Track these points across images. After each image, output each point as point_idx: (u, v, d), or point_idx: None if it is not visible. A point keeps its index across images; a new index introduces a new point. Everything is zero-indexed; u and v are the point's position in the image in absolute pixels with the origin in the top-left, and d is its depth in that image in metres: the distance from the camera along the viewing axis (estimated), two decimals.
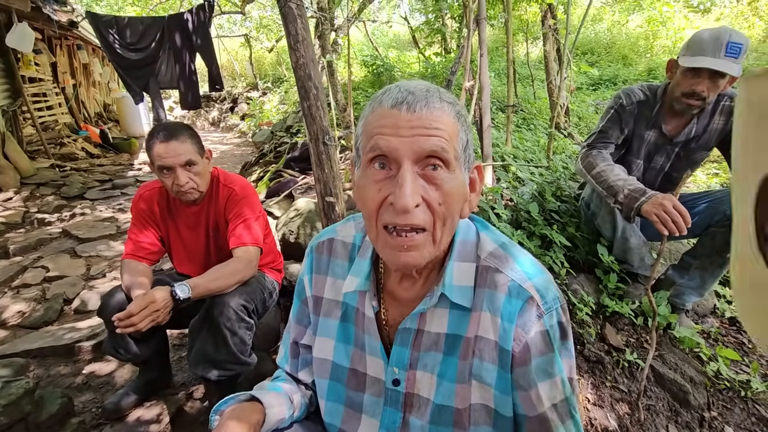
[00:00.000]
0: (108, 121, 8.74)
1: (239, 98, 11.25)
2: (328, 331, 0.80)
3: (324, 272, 0.82)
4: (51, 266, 3.04)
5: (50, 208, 4.29)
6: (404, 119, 0.58)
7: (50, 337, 2.19)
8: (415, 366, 0.71)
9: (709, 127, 1.73)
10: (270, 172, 4.21)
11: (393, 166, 0.60)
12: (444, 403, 0.69)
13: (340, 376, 0.79)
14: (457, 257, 0.69)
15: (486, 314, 0.67)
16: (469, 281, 0.68)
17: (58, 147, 6.17)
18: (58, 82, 7.01)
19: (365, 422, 0.77)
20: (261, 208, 1.71)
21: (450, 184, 0.60)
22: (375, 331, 0.74)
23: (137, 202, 1.66)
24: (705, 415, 1.50)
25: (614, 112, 1.82)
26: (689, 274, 1.82)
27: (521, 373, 0.66)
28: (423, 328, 0.70)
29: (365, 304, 0.75)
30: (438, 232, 0.62)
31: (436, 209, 0.60)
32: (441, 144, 0.58)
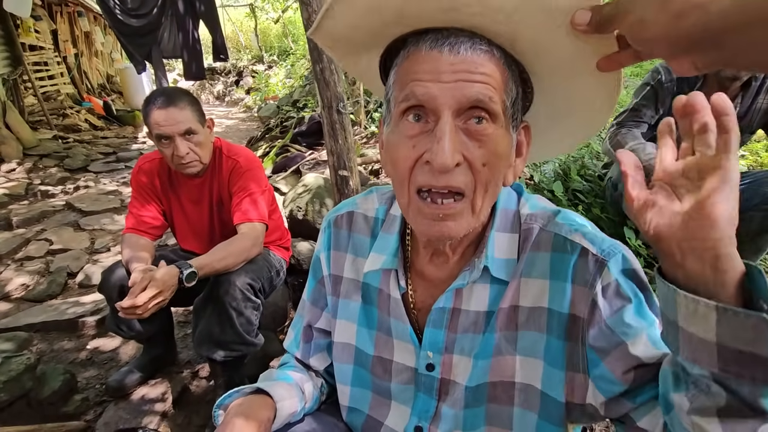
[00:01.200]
0: (111, 93, 8.59)
1: (244, 71, 11.00)
2: (350, 314, 0.73)
3: (344, 249, 0.74)
4: (54, 239, 2.99)
5: (53, 180, 4.22)
6: (446, 62, 0.49)
7: (54, 311, 2.15)
8: (451, 349, 0.63)
9: (753, 107, 1.59)
10: (276, 147, 4.09)
11: (431, 118, 0.51)
12: (478, 383, 0.62)
13: (364, 362, 0.72)
14: (498, 227, 0.61)
15: (526, 279, 0.59)
16: (512, 254, 0.61)
17: (60, 118, 6.06)
18: (59, 50, 6.84)
19: (395, 409, 0.70)
20: (267, 182, 1.61)
21: (496, 141, 0.51)
22: (402, 313, 0.66)
23: (137, 175, 1.57)
24: None
25: (650, 89, 1.68)
26: None
27: (595, 336, 0.54)
28: (460, 306, 0.62)
29: (390, 284, 0.67)
30: (478, 200, 0.53)
31: (478, 170, 0.51)
32: (488, 92, 0.49)
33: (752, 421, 0.39)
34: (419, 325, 0.67)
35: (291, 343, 0.84)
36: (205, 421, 1.51)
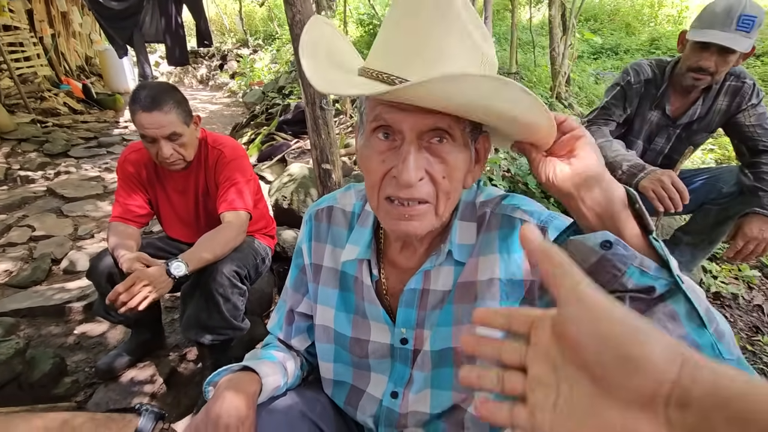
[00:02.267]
0: (90, 75, 8.35)
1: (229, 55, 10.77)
2: (328, 300, 0.81)
3: (324, 240, 0.81)
4: (37, 225, 2.98)
5: (33, 165, 4.15)
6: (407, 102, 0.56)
7: (39, 297, 2.17)
8: (422, 325, 0.73)
9: (713, 108, 1.69)
10: (261, 135, 4.09)
11: (398, 137, 0.59)
12: (443, 347, 0.71)
13: (343, 342, 0.80)
14: (460, 217, 0.71)
15: (482, 258, 0.69)
16: (471, 239, 0.70)
17: (38, 101, 5.90)
18: (35, 31, 6.60)
19: (374, 378, 0.79)
20: (252, 172, 1.66)
21: (455, 157, 0.59)
22: (374, 298, 0.75)
23: (124, 165, 1.60)
24: None
25: (620, 89, 1.76)
26: (679, 249, 1.85)
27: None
28: (428, 287, 0.72)
29: (364, 272, 0.75)
30: (441, 205, 0.62)
31: (439, 182, 0.60)
32: (445, 120, 0.56)
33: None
34: (392, 308, 0.76)
35: (274, 325, 0.91)
36: (193, 401, 1.58)
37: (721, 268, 2.26)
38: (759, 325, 1.92)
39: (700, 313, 0.47)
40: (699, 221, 1.76)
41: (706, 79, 1.56)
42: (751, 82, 1.62)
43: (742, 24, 1.42)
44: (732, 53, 1.48)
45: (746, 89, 1.61)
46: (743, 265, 2.25)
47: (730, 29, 1.43)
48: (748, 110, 1.62)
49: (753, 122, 1.62)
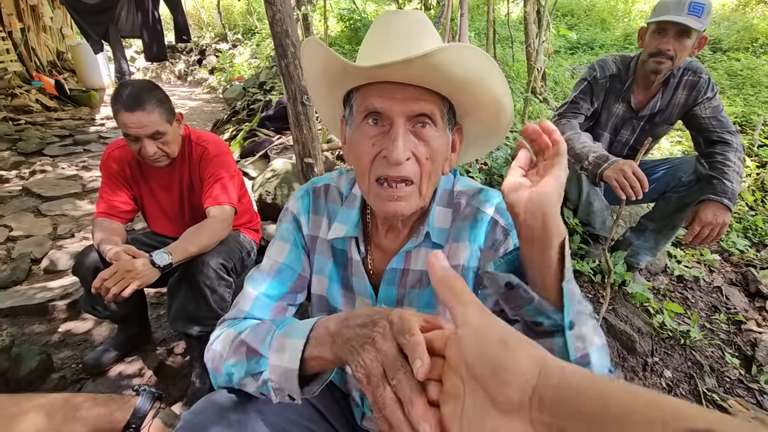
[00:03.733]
0: (63, 71, 8.10)
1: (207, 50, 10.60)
2: (323, 269, 0.86)
3: (321, 213, 0.87)
4: (14, 225, 2.93)
5: (7, 164, 4.05)
6: (399, 90, 0.65)
7: (21, 296, 2.16)
8: (401, 303, 0.80)
9: (672, 102, 1.81)
10: (243, 131, 4.09)
11: (386, 123, 0.66)
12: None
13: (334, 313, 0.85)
14: (438, 202, 0.79)
15: (455, 244, 0.77)
16: (447, 224, 0.78)
17: (9, 98, 5.72)
18: (3, 25, 6.39)
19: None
20: (235, 167, 1.69)
21: (437, 141, 0.68)
22: (362, 271, 0.82)
23: (107, 162, 1.61)
24: (648, 360, 1.68)
25: (587, 84, 1.86)
26: (644, 236, 1.96)
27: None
28: (408, 267, 0.79)
29: (352, 249, 0.82)
30: (424, 185, 0.69)
31: (423, 163, 0.67)
32: (429, 107, 0.65)
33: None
34: (376, 286, 0.82)
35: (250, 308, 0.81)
36: (182, 392, 1.61)
37: (685, 253, 2.40)
38: (717, 305, 2.06)
39: (570, 352, 0.53)
40: (661, 209, 1.88)
41: (667, 63, 1.66)
42: (707, 77, 1.74)
43: (693, 9, 1.54)
44: (687, 37, 1.59)
45: (702, 83, 1.73)
46: (705, 249, 2.39)
47: (682, 13, 1.55)
48: (704, 103, 1.74)
49: (708, 114, 1.74)
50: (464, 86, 0.65)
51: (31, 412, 0.67)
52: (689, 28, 1.56)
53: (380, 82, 0.65)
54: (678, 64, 1.68)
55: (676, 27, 1.58)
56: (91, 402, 0.72)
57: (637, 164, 1.54)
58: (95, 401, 0.72)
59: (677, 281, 2.22)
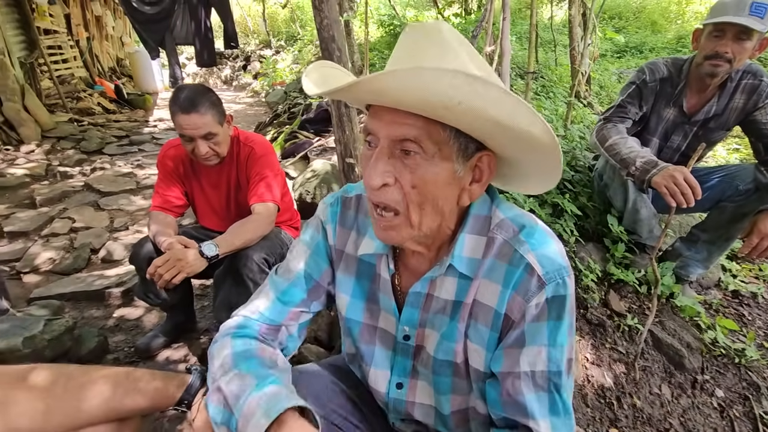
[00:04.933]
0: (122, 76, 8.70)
1: (252, 56, 11.04)
2: (345, 287, 0.84)
3: (349, 227, 0.83)
4: (77, 217, 3.17)
5: (71, 161, 4.40)
6: (387, 111, 0.60)
7: (81, 282, 2.34)
8: (424, 325, 0.76)
9: (729, 106, 1.71)
10: (284, 134, 4.23)
11: (376, 145, 0.63)
12: (444, 358, 0.75)
13: (352, 330, 0.85)
14: (469, 230, 0.71)
15: (486, 281, 0.69)
16: (478, 254, 0.70)
17: (74, 101, 6.21)
18: (72, 34, 6.95)
19: (373, 374, 0.83)
20: (279, 167, 1.76)
21: (425, 170, 0.60)
22: (390, 290, 0.79)
23: (163, 160, 1.72)
24: (698, 377, 1.59)
25: (635, 88, 1.80)
26: (696, 247, 1.86)
27: (512, 335, 0.68)
28: (432, 293, 0.74)
29: (382, 266, 0.79)
30: (414, 216, 0.64)
31: (407, 191, 0.62)
32: (413, 132, 0.58)
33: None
34: (401, 303, 0.79)
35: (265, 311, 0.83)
36: None
37: (741, 267, 2.25)
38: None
39: None
40: (715, 218, 1.78)
41: (725, 66, 1.57)
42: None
43: (756, 10, 1.45)
44: (747, 39, 1.50)
45: (763, 87, 1.63)
46: (764, 264, 2.23)
47: (743, 14, 1.46)
48: (765, 108, 1.63)
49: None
50: (442, 111, 0.55)
51: (98, 382, 0.73)
52: (750, 30, 1.48)
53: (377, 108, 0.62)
54: (736, 67, 1.60)
55: (735, 28, 1.50)
56: (150, 376, 0.78)
57: (689, 170, 1.47)
58: (153, 376, 0.78)
59: (732, 296, 2.09)
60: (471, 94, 0.52)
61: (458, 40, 0.61)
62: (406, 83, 0.52)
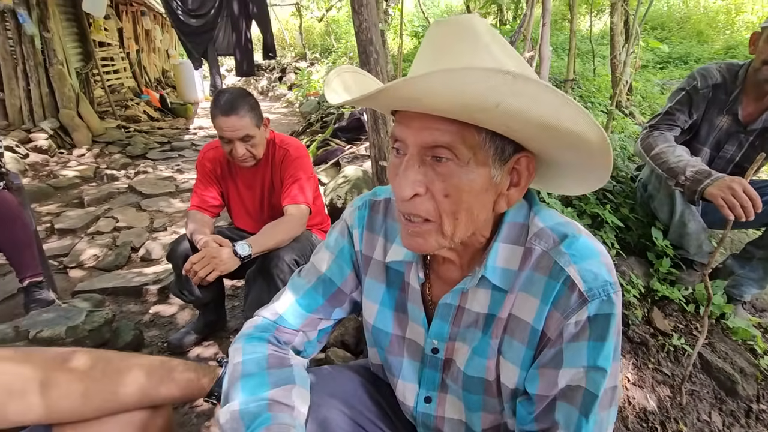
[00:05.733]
0: (166, 87, 9.18)
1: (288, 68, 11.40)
2: (374, 294, 0.80)
3: (377, 232, 0.80)
4: (120, 217, 3.33)
5: (117, 165, 4.64)
6: (416, 117, 0.56)
7: (121, 279, 2.44)
8: (454, 338, 0.72)
9: None
10: (317, 141, 4.31)
11: (405, 153, 0.59)
12: (475, 375, 0.70)
13: (381, 341, 0.81)
14: (504, 239, 0.66)
15: (523, 294, 0.65)
16: (513, 264, 0.65)
17: (123, 109, 6.59)
18: (123, 47, 7.41)
19: (401, 386, 0.80)
20: (312, 170, 1.78)
21: (459, 178, 0.56)
22: (419, 300, 0.75)
23: (202, 161, 1.78)
24: (753, 406, 1.46)
25: (685, 94, 1.71)
26: (750, 265, 1.73)
27: (548, 354, 0.63)
28: (464, 305, 0.70)
29: (411, 274, 0.75)
30: (447, 225, 0.59)
31: (440, 200, 0.58)
32: (445, 138, 0.54)
33: None
34: (430, 314, 0.75)
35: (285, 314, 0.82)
36: None
37: None
38: None
39: None
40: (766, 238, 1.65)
41: None
42: None
43: None
44: None
45: None
46: None
47: None
48: None
49: None
50: (477, 113, 0.51)
51: (134, 368, 0.74)
52: None
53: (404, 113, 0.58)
54: None
55: None
56: (183, 367, 0.79)
57: (747, 180, 1.37)
58: (186, 367, 0.79)
59: None
60: (511, 95, 0.47)
61: (491, 33, 0.56)
62: (439, 87, 0.47)
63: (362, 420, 0.80)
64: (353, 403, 0.81)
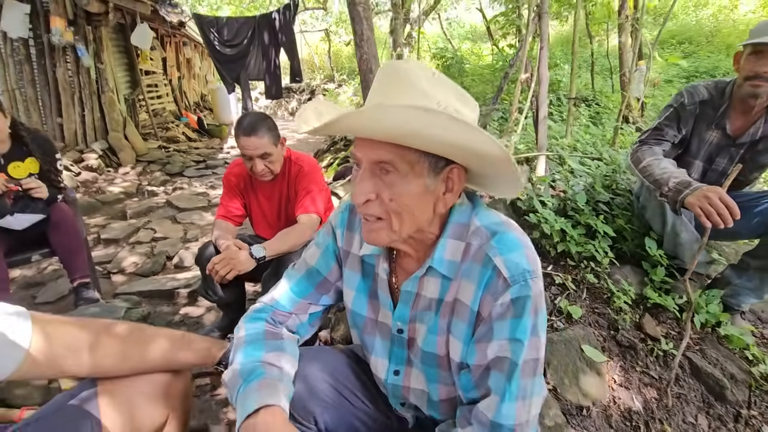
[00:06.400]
0: (203, 110, 9.82)
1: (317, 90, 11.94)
2: (351, 282, 0.95)
3: (355, 230, 0.94)
4: (157, 229, 3.65)
5: (157, 182, 5.05)
6: (368, 140, 0.71)
7: (156, 283, 2.70)
8: (414, 320, 0.87)
9: None
10: (339, 159, 4.55)
11: (361, 167, 0.74)
12: (429, 350, 0.85)
13: (357, 322, 0.97)
14: (450, 236, 0.80)
15: (464, 281, 0.78)
16: (457, 257, 0.79)
17: (164, 131, 7.13)
18: (166, 74, 8.05)
19: (374, 361, 0.95)
20: (324, 184, 1.97)
21: (400, 186, 0.71)
22: (386, 288, 0.90)
23: (228, 176, 2.01)
24: (742, 411, 1.49)
25: (673, 111, 1.80)
26: (747, 275, 1.76)
27: (483, 330, 0.76)
28: (421, 292, 0.84)
29: (380, 266, 0.89)
30: (395, 223, 0.74)
31: (387, 203, 0.72)
32: (387, 156, 0.69)
33: None
34: (396, 300, 0.89)
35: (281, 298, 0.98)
36: None
37: None
38: None
39: None
40: (766, 245, 1.69)
41: (765, 87, 1.54)
42: None
43: None
44: None
45: None
46: None
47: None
48: None
49: None
50: (403, 139, 0.66)
51: (161, 337, 0.93)
52: None
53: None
54: None
55: None
56: (200, 340, 0.97)
57: (724, 190, 1.45)
58: (202, 339, 0.97)
59: None
60: (423, 126, 0.61)
61: (426, 74, 0.70)
62: (370, 122, 0.63)
63: (343, 389, 0.95)
64: (337, 375, 0.96)
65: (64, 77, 5.06)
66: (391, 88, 0.69)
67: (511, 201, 2.06)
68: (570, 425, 1.40)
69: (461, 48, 8.24)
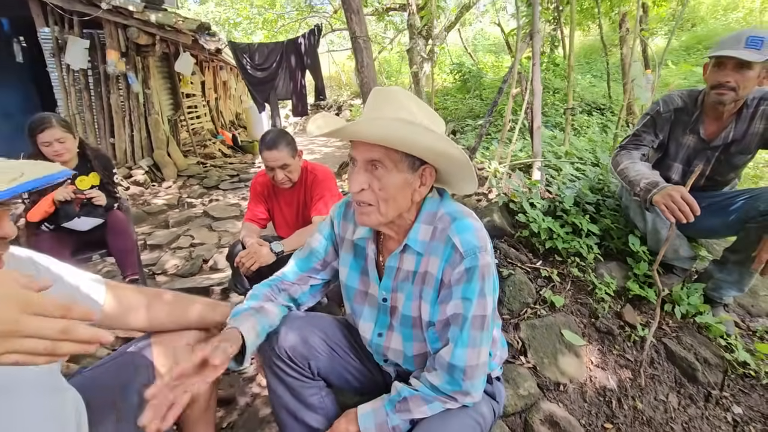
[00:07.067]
0: (238, 128, 10.47)
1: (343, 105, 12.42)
2: (345, 262, 1.18)
3: (349, 220, 1.18)
4: (195, 236, 4.04)
5: (196, 194, 5.52)
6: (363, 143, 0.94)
7: (194, 282, 3.04)
8: (396, 290, 1.08)
9: (749, 131, 1.78)
10: None
11: (356, 164, 0.97)
12: (407, 314, 1.06)
13: (350, 294, 1.18)
14: (422, 221, 1.03)
15: (432, 257, 1.00)
16: (427, 237, 1.02)
17: (202, 148, 7.71)
18: (204, 95, 8.72)
19: (363, 325, 1.16)
20: (337, 189, 2.25)
21: (386, 179, 0.94)
22: (374, 265, 1.12)
23: (254, 185, 2.33)
24: (712, 392, 1.61)
25: (650, 118, 1.96)
26: (727, 269, 1.87)
27: (444, 293, 0.99)
28: (400, 266, 1.06)
29: (369, 247, 1.11)
30: (382, 207, 0.96)
31: (376, 192, 0.94)
32: (378, 155, 0.92)
33: None
34: (381, 275, 1.11)
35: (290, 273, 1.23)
36: None
37: None
38: None
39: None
40: (742, 240, 1.80)
41: (729, 94, 1.69)
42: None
43: (751, 43, 1.59)
44: (748, 69, 1.63)
45: None
46: None
47: (739, 47, 1.61)
48: None
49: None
50: (389, 143, 0.89)
51: (197, 303, 1.21)
52: (747, 61, 1.61)
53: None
54: (744, 94, 1.70)
55: (733, 60, 1.64)
56: (224, 305, 1.25)
57: (687, 189, 1.60)
58: (226, 305, 1.25)
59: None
60: (405, 134, 0.87)
61: (406, 97, 0.97)
62: (365, 130, 0.89)
63: (334, 346, 1.20)
64: (329, 334, 1.20)
65: (117, 102, 5.67)
66: (381, 105, 0.94)
67: (505, 203, 2.26)
68: (546, 398, 1.57)
69: (481, 60, 8.45)
